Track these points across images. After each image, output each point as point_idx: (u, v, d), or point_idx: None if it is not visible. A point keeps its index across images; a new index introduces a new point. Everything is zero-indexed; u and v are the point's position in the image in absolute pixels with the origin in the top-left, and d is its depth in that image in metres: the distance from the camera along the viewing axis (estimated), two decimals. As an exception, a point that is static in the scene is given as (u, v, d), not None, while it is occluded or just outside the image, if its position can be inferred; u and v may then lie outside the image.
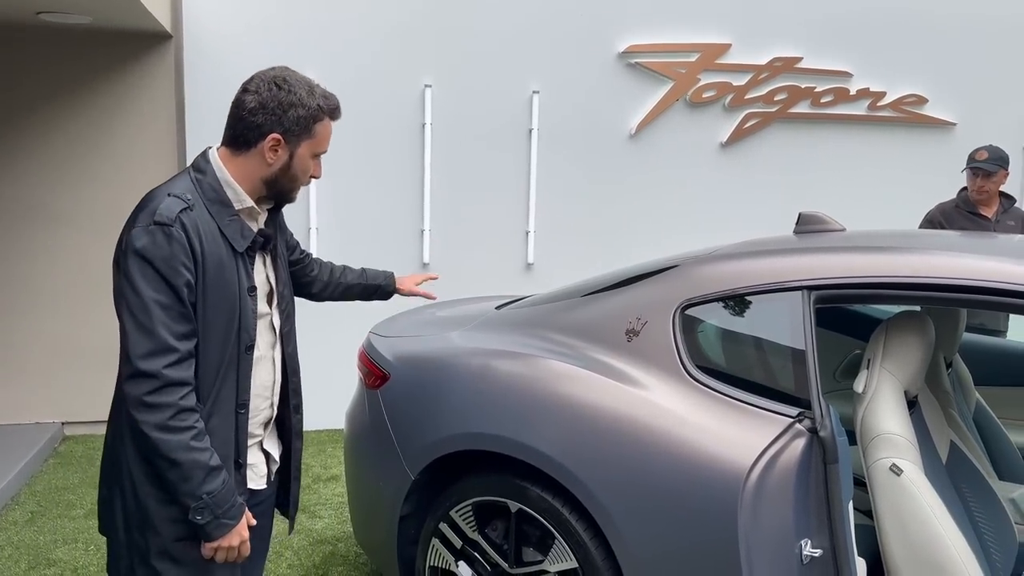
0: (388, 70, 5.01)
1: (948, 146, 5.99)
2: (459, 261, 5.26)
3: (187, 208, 1.62)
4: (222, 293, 1.66)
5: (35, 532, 3.59)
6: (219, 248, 1.67)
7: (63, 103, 4.74)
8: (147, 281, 1.56)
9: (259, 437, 1.87)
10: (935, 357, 2.63)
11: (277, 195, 1.78)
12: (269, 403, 1.86)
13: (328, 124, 1.76)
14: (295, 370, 1.94)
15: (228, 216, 1.70)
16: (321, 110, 1.73)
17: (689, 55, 5.42)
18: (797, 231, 2.59)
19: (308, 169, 1.77)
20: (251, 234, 1.74)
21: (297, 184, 1.78)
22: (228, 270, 1.67)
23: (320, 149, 1.77)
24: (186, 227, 1.60)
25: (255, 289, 1.75)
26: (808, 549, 1.88)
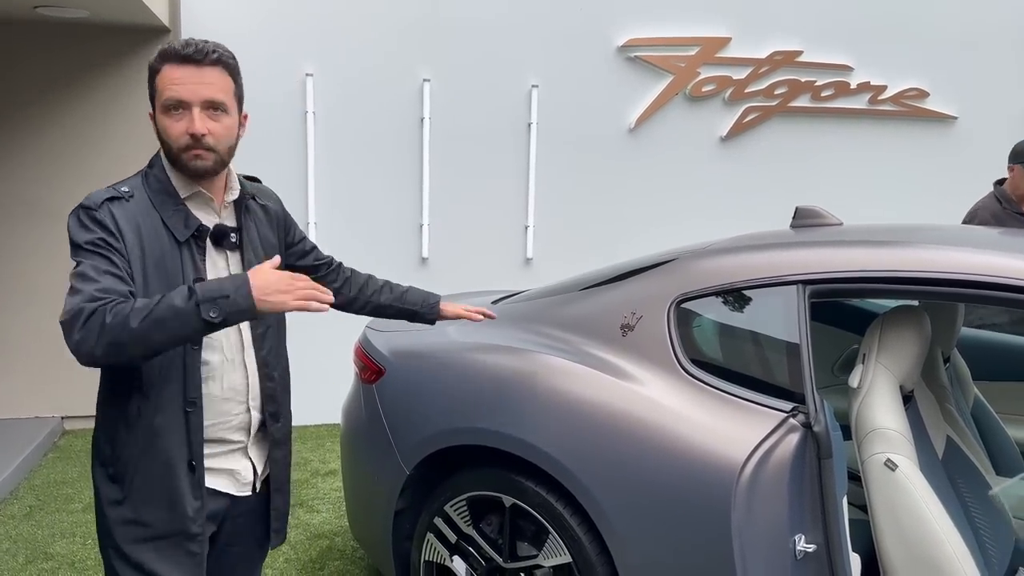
0: (386, 64, 5.00)
1: (949, 140, 5.98)
2: (458, 256, 5.26)
3: (117, 198, 1.59)
4: (163, 287, 1.58)
5: (33, 526, 3.59)
6: (160, 240, 1.61)
7: (59, 98, 4.74)
8: (80, 256, 1.53)
9: (240, 443, 1.78)
10: (932, 352, 2.62)
11: (181, 171, 1.65)
12: (244, 407, 1.76)
13: (168, 70, 1.60)
14: (270, 375, 1.80)
15: (173, 206, 1.65)
16: (153, 65, 1.62)
17: (689, 49, 5.40)
18: (794, 225, 2.58)
19: (166, 127, 1.61)
20: (195, 223, 1.66)
21: (170, 151, 1.63)
22: (170, 260, 1.61)
23: (162, 99, 1.60)
24: (114, 213, 1.56)
25: (203, 281, 1.59)
26: (802, 544, 1.88)
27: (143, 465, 1.64)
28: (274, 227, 1.89)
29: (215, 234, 1.69)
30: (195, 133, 1.59)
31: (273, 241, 1.87)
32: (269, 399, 1.80)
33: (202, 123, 1.60)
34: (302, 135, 4.91)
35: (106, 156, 4.82)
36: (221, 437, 1.74)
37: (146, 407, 1.63)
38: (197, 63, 1.60)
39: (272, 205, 1.91)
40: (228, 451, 1.77)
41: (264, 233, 1.84)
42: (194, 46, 1.60)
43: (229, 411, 1.73)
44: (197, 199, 1.69)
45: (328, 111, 4.95)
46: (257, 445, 1.83)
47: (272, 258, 1.75)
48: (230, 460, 1.77)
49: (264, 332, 1.79)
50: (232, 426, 1.75)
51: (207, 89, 1.61)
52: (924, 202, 5.97)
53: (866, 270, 1.97)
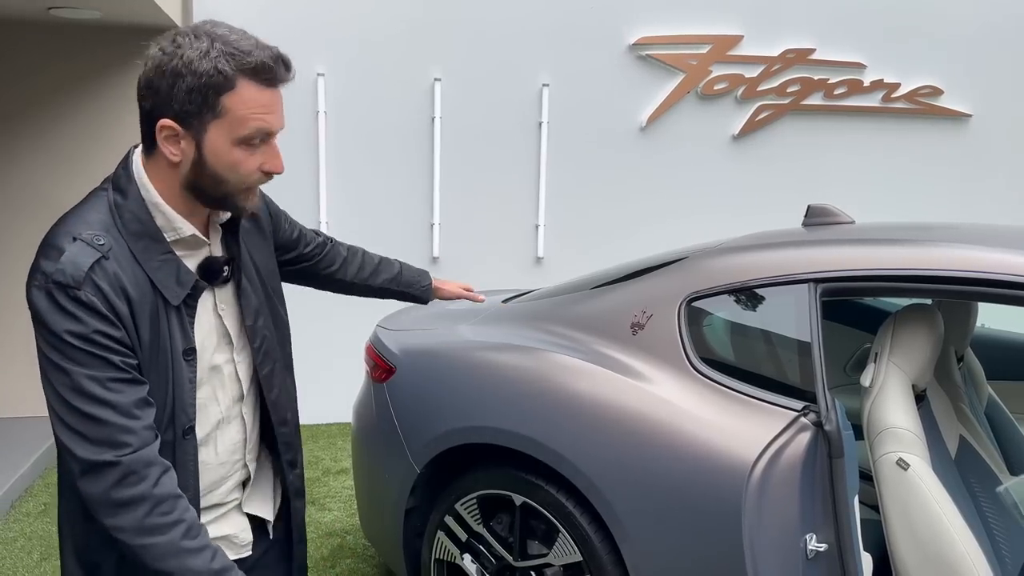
0: (397, 64, 5.01)
1: (963, 138, 5.93)
2: (469, 255, 5.26)
3: (100, 259, 1.19)
4: (154, 362, 1.26)
5: (48, 523, 3.62)
6: (148, 301, 1.24)
7: (73, 98, 4.77)
8: (66, 356, 1.17)
9: (234, 501, 1.50)
10: (946, 350, 2.60)
11: (216, 205, 1.31)
12: (241, 464, 1.48)
13: (248, 91, 1.21)
14: (283, 419, 1.51)
15: (159, 255, 1.26)
16: (221, 74, 1.19)
17: (700, 47, 5.38)
18: (806, 223, 2.57)
19: (235, 163, 1.24)
20: (190, 279, 1.30)
21: (228, 187, 1.26)
22: (160, 332, 1.26)
23: (243, 131, 1.22)
24: (101, 289, 1.18)
25: (193, 352, 1.31)
26: (813, 543, 1.87)
27: (126, 564, 1.30)
28: (264, 232, 1.54)
29: (207, 271, 1.34)
30: (275, 172, 1.28)
31: (267, 255, 1.54)
32: (286, 447, 1.52)
33: (281, 158, 1.29)
34: (313, 135, 4.92)
35: (116, 154, 4.82)
36: (214, 503, 1.46)
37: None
38: (282, 83, 1.27)
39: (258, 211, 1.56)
40: (220, 515, 1.49)
41: (256, 251, 1.49)
42: (283, 63, 1.26)
43: (225, 475, 1.45)
44: (188, 242, 1.32)
45: (339, 111, 4.96)
46: (257, 495, 1.55)
47: (271, 280, 1.51)
48: (223, 525, 1.49)
49: (272, 369, 1.48)
50: (226, 489, 1.47)
51: (283, 115, 1.29)
52: (938, 200, 5.93)
53: (878, 268, 1.96)
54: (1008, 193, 6.03)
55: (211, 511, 1.46)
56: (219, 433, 1.41)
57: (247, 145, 1.24)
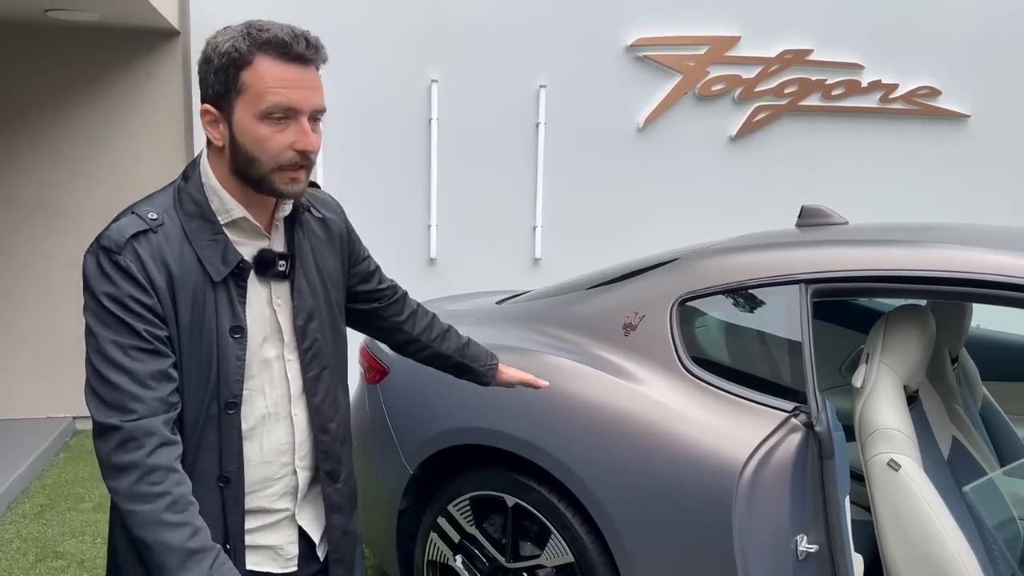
0: (394, 66, 5.01)
1: (962, 139, 5.92)
2: (466, 256, 5.26)
3: (147, 231, 1.28)
4: (198, 335, 1.31)
5: (43, 525, 3.63)
6: (194, 277, 1.31)
7: (71, 100, 4.78)
8: (98, 319, 1.27)
9: (286, 512, 1.48)
10: (939, 351, 2.60)
11: (257, 188, 1.33)
12: (290, 469, 1.46)
13: (267, 66, 1.26)
14: (324, 427, 1.48)
15: (210, 235, 1.33)
16: (238, 51, 1.26)
17: (698, 48, 5.38)
18: (800, 224, 2.57)
19: (260, 139, 1.27)
20: (235, 258, 1.34)
21: (259, 166, 1.29)
22: (203, 306, 1.31)
23: (262, 105, 1.26)
24: (140, 256, 1.27)
25: (241, 331, 1.34)
26: (804, 545, 1.87)
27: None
28: (336, 246, 1.55)
29: (259, 262, 1.37)
30: (308, 149, 1.30)
31: (334, 266, 1.54)
32: (324, 456, 1.49)
33: (316, 137, 1.31)
34: (311, 136, 4.92)
35: (118, 157, 4.86)
36: (262, 507, 1.44)
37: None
38: (307, 62, 1.30)
39: (333, 217, 1.57)
40: (270, 523, 1.47)
41: (322, 258, 1.50)
42: (305, 40, 1.29)
43: (271, 476, 1.44)
44: (240, 225, 1.37)
45: (336, 113, 4.96)
46: (308, 509, 1.53)
47: (333, 290, 1.50)
48: (272, 534, 1.47)
49: (319, 374, 1.47)
50: (274, 493, 1.45)
51: (316, 95, 1.31)
52: (937, 201, 5.92)
53: (869, 269, 1.96)
54: (1007, 193, 6.02)
55: (259, 516, 1.45)
56: (265, 430, 1.41)
57: (271, 120, 1.27)
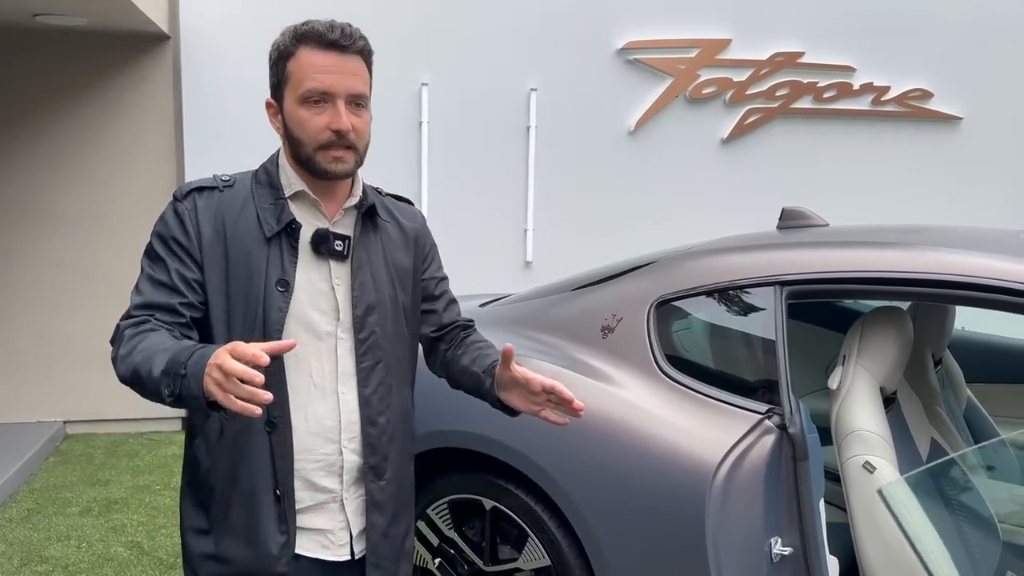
0: (384, 69, 4.98)
1: (954, 141, 5.92)
2: (457, 259, 5.22)
3: (212, 188, 1.47)
4: (246, 284, 1.43)
5: (30, 529, 3.62)
6: (250, 234, 1.45)
7: (61, 104, 4.79)
8: (146, 255, 1.46)
9: (333, 492, 1.51)
10: (921, 353, 2.59)
11: (310, 170, 1.46)
12: (336, 448, 1.49)
13: (306, 55, 1.41)
14: (373, 420, 1.51)
15: (272, 199, 1.47)
16: (284, 46, 1.44)
17: (689, 51, 5.39)
18: (780, 226, 2.56)
19: (301, 121, 1.41)
20: (288, 218, 1.46)
21: (304, 147, 1.43)
22: (256, 258, 1.44)
23: (300, 90, 1.41)
24: (197, 206, 1.45)
25: (287, 285, 1.44)
26: (778, 547, 1.86)
27: (226, 493, 1.46)
28: (411, 247, 1.62)
29: (315, 237, 1.47)
30: (341, 129, 1.40)
31: (407, 265, 1.60)
32: (371, 449, 1.52)
33: (348, 118, 1.41)
34: (301, 140, 4.93)
35: (107, 161, 4.86)
36: (308, 479, 1.48)
37: (227, 429, 1.45)
38: (343, 50, 1.41)
39: (411, 224, 1.65)
40: (319, 503, 1.50)
41: (394, 254, 1.58)
42: (340, 30, 1.41)
43: (314, 447, 1.48)
44: (302, 199, 1.49)
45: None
46: (359, 501, 1.54)
47: (401, 291, 1.57)
48: (320, 515, 1.51)
49: (373, 366, 1.51)
50: (321, 466, 1.49)
51: (352, 80, 1.43)
52: (929, 204, 5.92)
53: (843, 271, 1.95)
54: (1000, 195, 6.02)
55: (307, 492, 1.49)
56: (311, 402, 1.47)
57: (309, 104, 1.41)
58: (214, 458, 1.47)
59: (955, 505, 2.22)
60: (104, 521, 3.71)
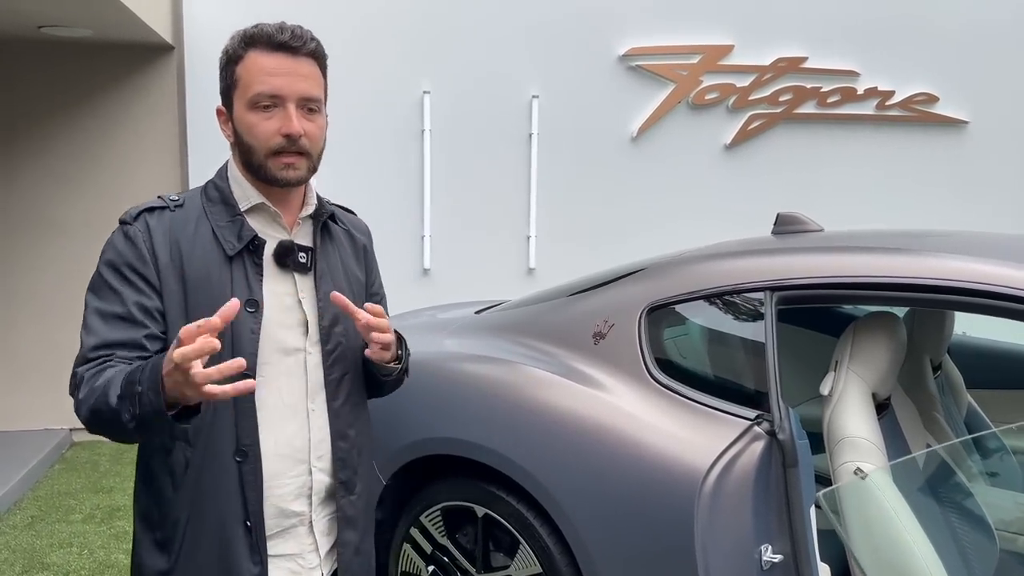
0: (387, 77, 5.04)
1: (960, 145, 5.88)
2: (460, 267, 5.27)
3: (163, 208, 1.38)
4: (209, 309, 1.28)
5: (33, 536, 3.64)
6: (208, 255, 1.37)
7: (66, 116, 4.83)
8: (92, 289, 1.37)
9: (301, 514, 1.46)
10: (919, 359, 2.57)
11: (262, 178, 1.40)
12: (305, 468, 1.44)
13: (257, 58, 1.35)
14: (342, 433, 1.47)
15: (229, 217, 1.40)
16: (234, 49, 1.38)
17: (691, 57, 5.38)
18: (775, 231, 2.56)
19: (250, 126, 1.35)
20: (249, 234, 1.38)
21: (255, 154, 1.37)
22: (218, 281, 1.35)
23: (249, 93, 1.35)
24: (149, 228, 1.36)
25: (256, 305, 1.37)
26: (768, 555, 1.84)
27: (194, 527, 1.38)
28: (361, 262, 1.60)
29: (278, 250, 1.42)
30: (291, 133, 1.34)
31: (360, 277, 1.57)
32: (341, 464, 1.47)
33: (299, 122, 1.36)
34: (304, 149, 4.95)
35: (111, 171, 4.90)
36: (278, 506, 1.42)
37: (194, 458, 1.36)
38: (293, 51, 1.36)
39: (360, 236, 1.63)
40: (286, 528, 1.45)
41: (349, 264, 1.55)
42: (290, 31, 1.36)
43: (284, 471, 1.42)
44: (260, 212, 1.43)
45: (330, 125, 4.98)
46: (327, 520, 1.50)
47: (359, 295, 1.52)
48: (289, 540, 1.45)
49: (340, 378, 1.47)
50: (290, 492, 1.43)
51: (303, 83, 1.37)
52: (935, 209, 5.88)
53: (833, 276, 1.94)
54: (1007, 199, 5.97)
55: (276, 519, 1.43)
56: (280, 422, 1.40)
57: (259, 108, 1.35)
58: (179, 494, 1.38)
59: (951, 511, 2.20)
60: (106, 528, 3.73)
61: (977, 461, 2.53)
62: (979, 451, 2.62)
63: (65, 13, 4.02)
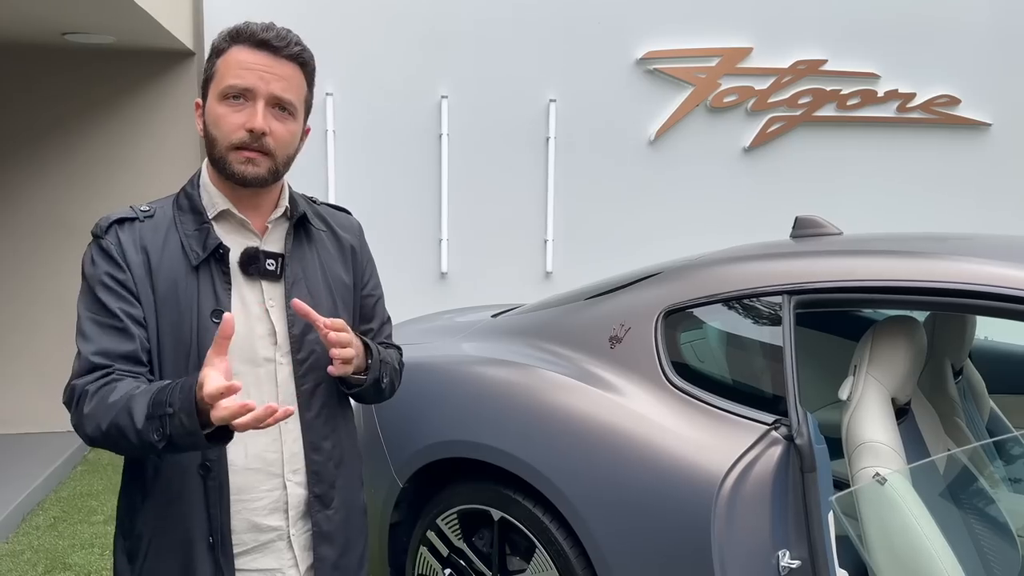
0: (405, 82, 5.06)
1: (983, 148, 5.82)
2: (477, 270, 5.28)
3: (132, 219, 1.38)
4: (176, 320, 1.34)
5: (55, 537, 3.69)
6: (175, 264, 1.36)
7: (88, 121, 4.90)
8: (82, 299, 1.36)
9: (278, 529, 1.42)
10: (939, 363, 2.54)
11: (223, 174, 1.37)
12: (279, 482, 1.41)
13: (237, 52, 1.35)
14: (317, 446, 1.43)
15: (196, 225, 1.38)
16: (218, 44, 1.38)
17: (709, 60, 5.36)
18: (793, 235, 2.54)
19: (217, 117, 1.33)
20: (214, 243, 1.36)
21: (217, 146, 1.35)
22: (184, 291, 1.34)
23: (221, 85, 1.34)
24: (120, 239, 1.35)
25: (221, 315, 1.29)
26: (786, 560, 1.83)
27: (157, 541, 1.37)
28: (349, 264, 1.55)
29: (243, 258, 1.39)
30: (255, 128, 1.32)
31: (346, 280, 1.53)
32: (315, 478, 1.43)
33: (265, 119, 1.33)
34: (323, 153, 4.99)
35: (132, 176, 4.96)
36: (251, 520, 1.39)
37: (161, 470, 1.35)
38: (274, 51, 1.35)
39: (347, 236, 1.58)
40: (263, 543, 1.41)
41: (332, 271, 1.50)
42: (275, 31, 1.36)
43: (257, 485, 1.39)
44: (229, 220, 1.41)
45: (348, 129, 5.03)
46: (306, 536, 1.46)
47: (342, 305, 1.49)
48: (267, 556, 1.42)
49: (314, 388, 1.43)
50: (264, 506, 1.40)
51: (278, 83, 1.35)
52: (957, 212, 5.82)
53: (851, 280, 1.93)
54: (1031, 203, 5.90)
55: (250, 533, 1.40)
56: (249, 436, 1.35)
57: (228, 100, 1.34)
58: (146, 504, 1.37)
59: (972, 516, 2.18)
60: (127, 529, 3.77)
61: (1000, 466, 2.50)
62: (1001, 456, 2.59)
63: (88, 20, 4.08)
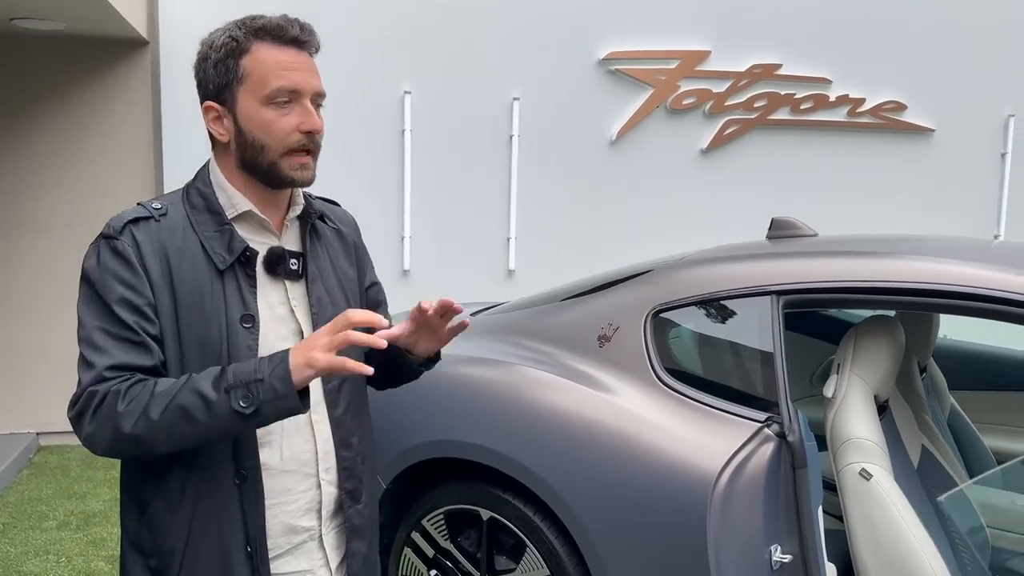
0: (368, 78, 5.00)
1: (927, 152, 6.04)
2: (440, 268, 5.25)
3: (147, 218, 1.29)
4: (203, 327, 1.28)
5: (6, 544, 3.54)
6: (197, 268, 1.29)
7: (39, 111, 4.71)
8: (88, 306, 1.27)
9: (311, 530, 1.40)
10: (908, 361, 2.63)
11: (268, 179, 1.32)
12: (314, 481, 1.39)
13: (263, 51, 1.28)
14: (346, 442, 1.42)
15: (216, 226, 1.32)
16: (235, 40, 1.29)
17: (669, 62, 5.44)
18: (770, 236, 2.60)
19: (266, 123, 1.28)
20: (241, 246, 1.31)
21: (268, 152, 1.30)
22: (210, 296, 1.28)
23: (265, 89, 1.27)
24: (137, 240, 1.27)
25: (252, 320, 1.30)
26: (778, 555, 1.87)
27: (191, 556, 1.31)
28: (352, 257, 1.54)
29: (269, 258, 1.34)
30: (314, 129, 1.29)
31: (352, 274, 1.51)
32: (347, 474, 1.43)
33: (319, 118, 1.31)
34: (283, 148, 4.89)
35: (87, 168, 4.79)
36: (287, 523, 1.37)
37: (191, 482, 1.30)
38: (302, 46, 1.31)
39: (348, 230, 1.57)
40: (297, 544, 1.39)
41: (341, 268, 1.48)
42: (299, 25, 1.30)
43: (292, 487, 1.37)
44: (248, 220, 1.35)
45: (309, 124, 4.94)
46: (335, 532, 1.45)
47: (353, 301, 1.47)
48: (299, 557, 1.40)
49: (339, 386, 1.42)
50: (299, 507, 1.38)
51: (316, 78, 1.32)
52: (903, 214, 6.03)
53: (838, 280, 1.98)
54: (970, 206, 6.15)
55: (284, 536, 1.38)
56: (285, 437, 1.35)
57: (275, 104, 1.28)
58: (175, 521, 1.31)
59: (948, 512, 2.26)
60: (83, 535, 3.64)
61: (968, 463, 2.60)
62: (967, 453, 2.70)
63: (39, 4, 3.91)
